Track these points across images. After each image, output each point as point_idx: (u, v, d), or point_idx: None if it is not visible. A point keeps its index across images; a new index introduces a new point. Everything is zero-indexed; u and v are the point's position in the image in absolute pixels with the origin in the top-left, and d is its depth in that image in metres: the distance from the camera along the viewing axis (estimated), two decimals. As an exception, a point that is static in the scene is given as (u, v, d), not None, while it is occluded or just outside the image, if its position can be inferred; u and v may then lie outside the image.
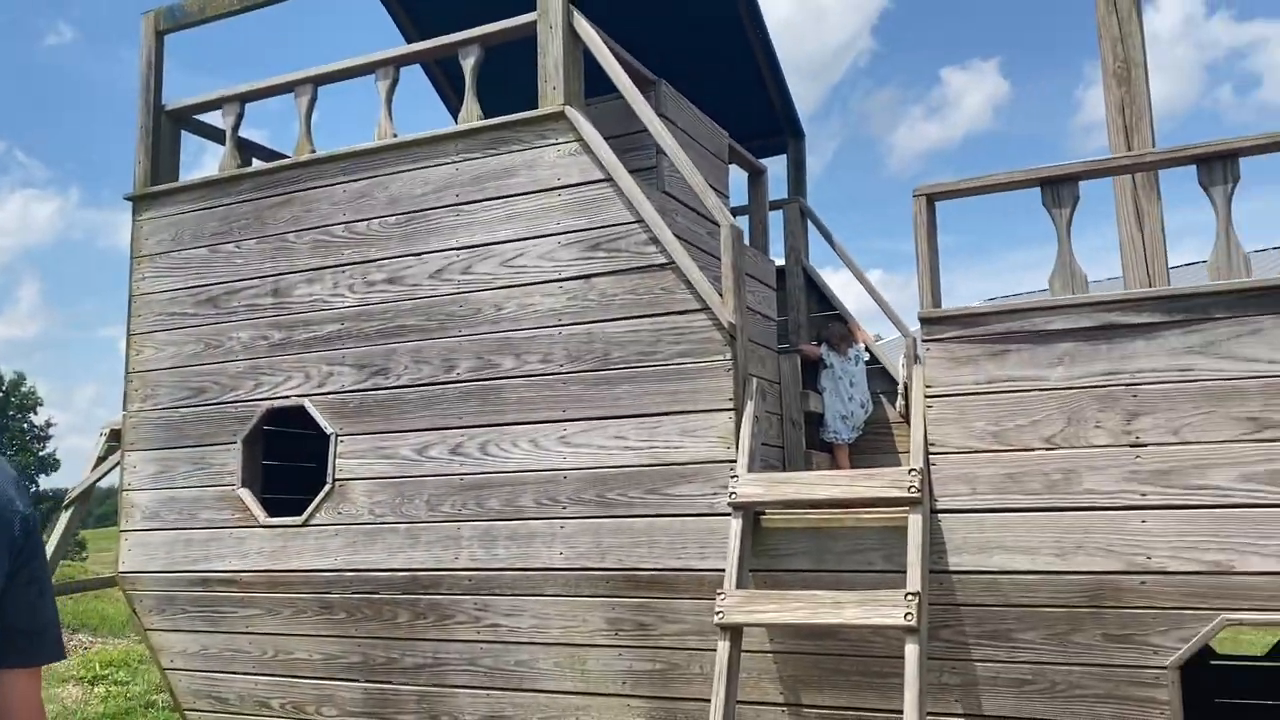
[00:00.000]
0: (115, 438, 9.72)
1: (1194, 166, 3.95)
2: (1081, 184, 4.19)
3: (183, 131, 6.32)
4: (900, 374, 7.13)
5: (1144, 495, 3.79)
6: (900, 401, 7.00)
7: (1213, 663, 6.41)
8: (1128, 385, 3.85)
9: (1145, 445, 3.81)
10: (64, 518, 10.10)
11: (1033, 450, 3.97)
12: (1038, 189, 4.16)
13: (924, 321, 4.21)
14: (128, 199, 6.09)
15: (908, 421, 6.89)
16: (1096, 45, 5.19)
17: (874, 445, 6.99)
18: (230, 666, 5.52)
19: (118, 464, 9.41)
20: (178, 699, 5.75)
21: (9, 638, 1.60)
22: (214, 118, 6.27)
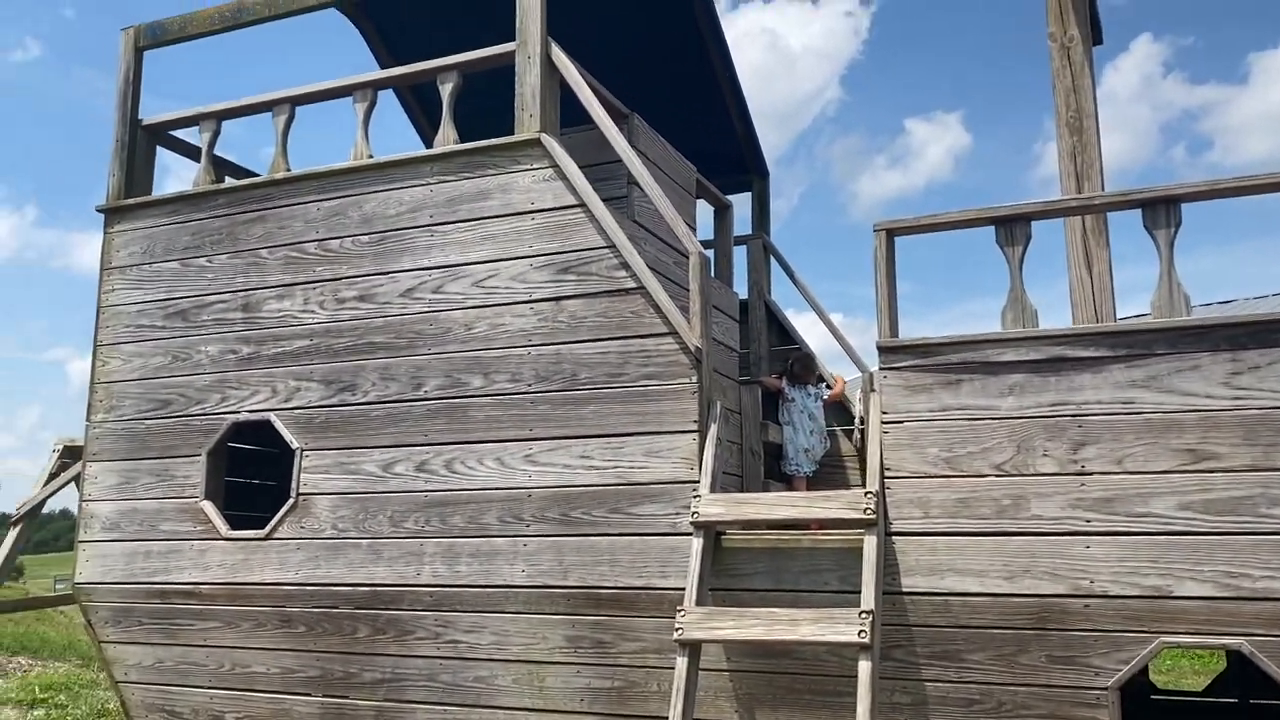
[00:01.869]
0: (69, 454, 9.63)
1: (1139, 211, 4.16)
2: (1037, 233, 4.38)
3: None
4: (856, 409, 7.29)
5: (1088, 522, 3.95)
6: (856, 435, 7.16)
7: (1153, 697, 6.59)
8: (1074, 416, 4.03)
9: (1090, 474, 3.98)
10: (10, 535, 9.97)
11: (983, 476, 4.12)
12: (992, 228, 4.36)
13: (882, 350, 4.37)
14: (100, 210, 6.12)
15: (862, 455, 7.05)
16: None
17: (831, 479, 7.13)
18: (186, 680, 5.49)
19: (69, 480, 9.32)
20: (129, 713, 5.70)
21: None
22: (189, 135, 6.35)
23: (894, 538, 4.22)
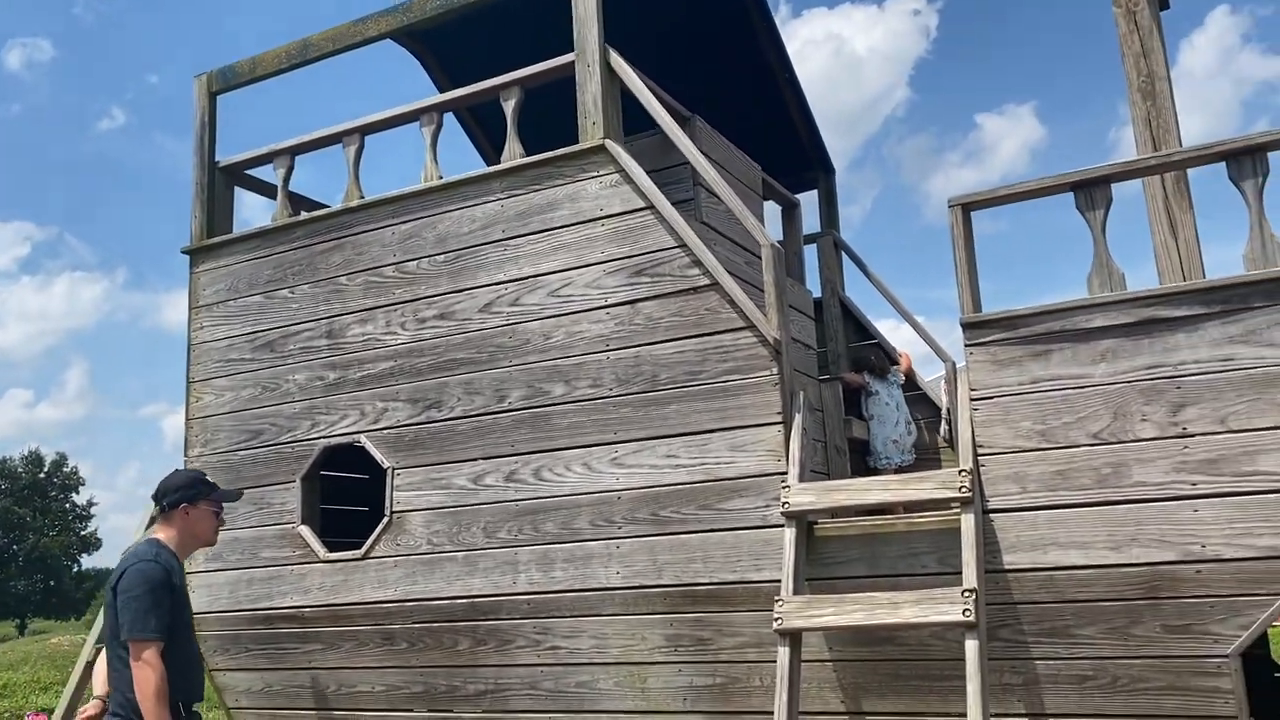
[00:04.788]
0: (167, 497, 9.87)
1: (1223, 164, 4.05)
2: (1116, 212, 4.29)
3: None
4: (942, 400, 7.19)
5: (1194, 485, 3.84)
6: (944, 426, 7.06)
7: (1276, 675, 6.33)
8: (1171, 377, 3.92)
9: (1193, 435, 3.86)
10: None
11: (1080, 446, 4.03)
12: (1070, 194, 4.28)
13: (966, 326, 4.30)
14: (185, 252, 6.33)
15: (952, 447, 6.94)
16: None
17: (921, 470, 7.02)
18: (294, 703, 5.60)
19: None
20: (242, 738, 5.82)
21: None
22: (265, 173, 6.55)
23: (992, 515, 4.14)
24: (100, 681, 4.46)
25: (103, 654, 4.47)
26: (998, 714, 4.05)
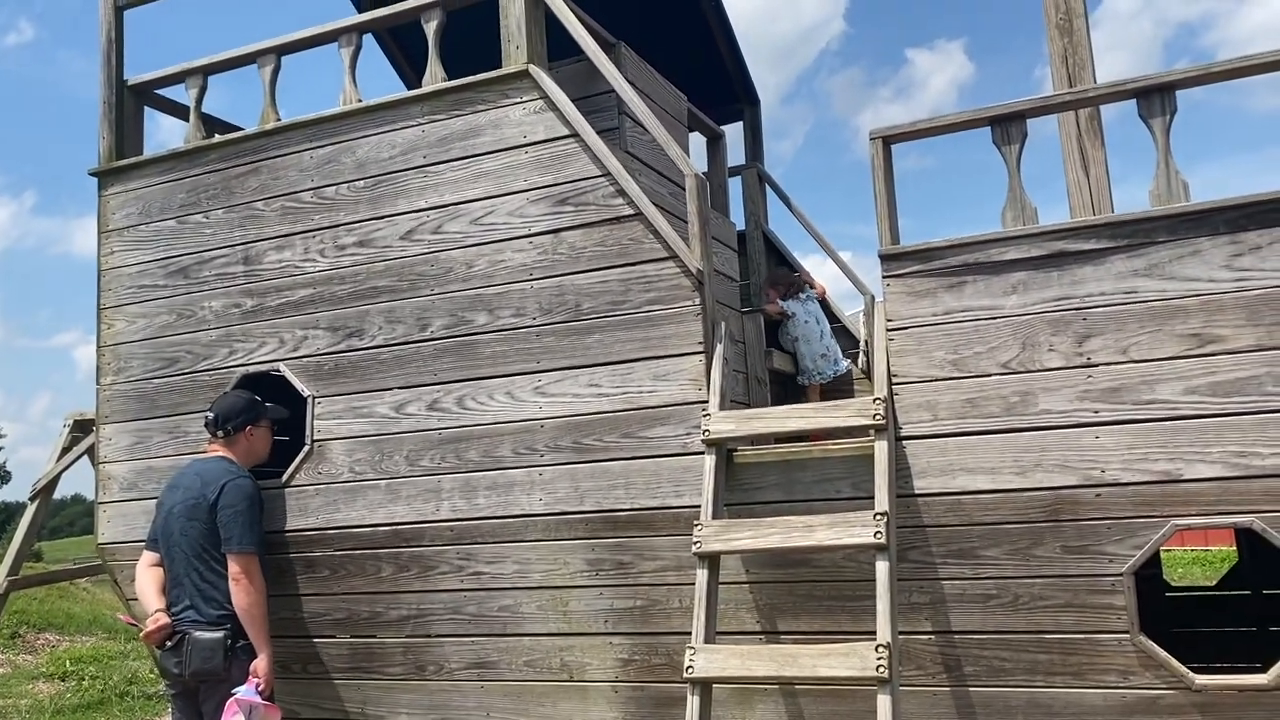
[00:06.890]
0: (79, 428, 9.68)
1: (1134, 101, 4.15)
2: (1034, 152, 4.37)
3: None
4: (861, 332, 7.33)
5: (1096, 412, 3.99)
6: (862, 358, 7.20)
7: (1167, 594, 6.70)
8: (1078, 309, 4.05)
9: (1096, 365, 4.01)
10: (30, 510, 10.05)
11: (990, 376, 4.16)
12: (988, 128, 4.35)
13: (884, 258, 4.38)
14: (92, 174, 6.10)
15: (869, 378, 7.09)
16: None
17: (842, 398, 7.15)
18: (214, 630, 5.56)
19: (83, 453, 9.37)
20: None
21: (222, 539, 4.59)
22: (177, 94, 6.32)
23: (904, 442, 4.26)
24: (154, 595, 4.82)
25: (151, 570, 4.93)
26: (905, 631, 4.22)
